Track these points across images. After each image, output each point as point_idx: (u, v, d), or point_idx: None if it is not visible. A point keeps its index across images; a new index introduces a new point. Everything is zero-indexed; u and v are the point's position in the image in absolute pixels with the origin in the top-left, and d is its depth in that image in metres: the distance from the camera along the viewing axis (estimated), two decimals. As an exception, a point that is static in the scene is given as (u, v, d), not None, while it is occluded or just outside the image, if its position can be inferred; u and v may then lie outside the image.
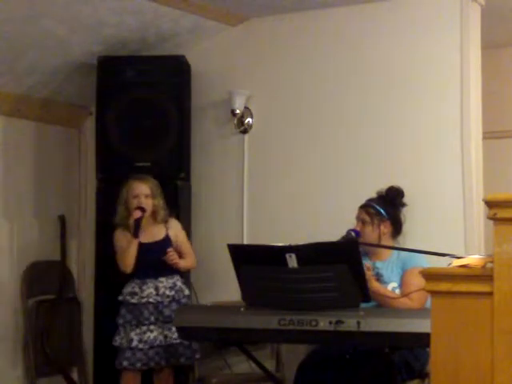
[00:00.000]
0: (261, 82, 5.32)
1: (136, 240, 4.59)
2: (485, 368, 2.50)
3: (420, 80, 4.85)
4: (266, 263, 3.77)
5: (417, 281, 3.64)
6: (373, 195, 4.48)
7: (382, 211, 4.37)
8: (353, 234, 4.25)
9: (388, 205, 4.42)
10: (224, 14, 5.23)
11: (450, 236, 4.67)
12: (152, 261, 4.61)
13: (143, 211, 4.61)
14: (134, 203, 4.62)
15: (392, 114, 4.93)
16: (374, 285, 4.11)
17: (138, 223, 4.59)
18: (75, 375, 5.57)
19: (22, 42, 4.92)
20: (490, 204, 2.51)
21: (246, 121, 5.31)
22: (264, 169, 5.28)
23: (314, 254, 3.68)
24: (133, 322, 4.58)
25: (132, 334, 4.56)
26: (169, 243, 4.67)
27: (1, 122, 5.29)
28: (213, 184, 5.41)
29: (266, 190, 5.26)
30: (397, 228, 4.43)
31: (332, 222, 4.71)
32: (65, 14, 4.77)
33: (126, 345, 4.56)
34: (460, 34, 4.74)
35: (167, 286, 4.62)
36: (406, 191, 4.50)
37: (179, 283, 4.67)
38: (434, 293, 2.60)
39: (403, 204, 4.50)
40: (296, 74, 5.21)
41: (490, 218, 2.51)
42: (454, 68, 4.75)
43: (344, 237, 4.23)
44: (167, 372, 4.67)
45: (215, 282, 5.23)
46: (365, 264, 3.91)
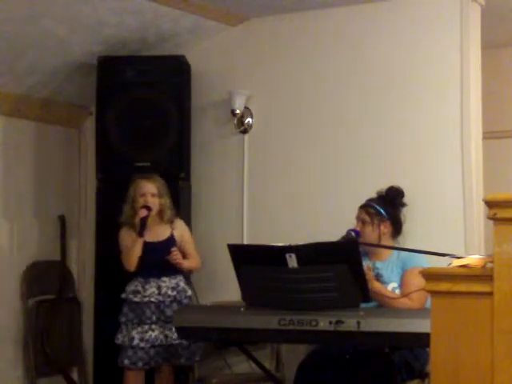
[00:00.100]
0: (261, 82, 5.32)
1: (141, 239, 4.59)
2: (485, 368, 2.50)
3: (420, 80, 4.85)
4: (266, 263, 3.77)
5: (417, 281, 3.63)
6: (373, 195, 4.48)
7: (382, 211, 4.37)
8: (353, 234, 4.25)
9: (388, 205, 4.42)
10: (224, 14, 5.23)
11: (450, 236, 4.67)
12: (156, 260, 4.61)
13: (149, 210, 4.61)
14: (141, 202, 4.62)
15: (392, 114, 4.93)
16: (374, 285, 4.11)
17: (144, 222, 4.59)
18: (75, 375, 5.57)
19: (22, 42, 4.92)
20: (490, 204, 2.51)
21: (246, 121, 5.31)
22: (264, 169, 5.28)
23: (314, 254, 3.68)
24: (135, 321, 4.58)
25: (133, 333, 4.56)
26: (173, 243, 4.67)
27: (1, 122, 5.29)
28: (213, 184, 5.41)
29: (266, 190, 5.26)
30: (397, 228, 4.43)
31: (332, 222, 4.71)
32: (65, 14, 4.78)
33: (128, 343, 4.56)
34: (460, 34, 4.74)
35: (170, 286, 4.62)
36: (406, 191, 4.50)
37: (182, 284, 4.67)
38: (434, 293, 2.60)
39: (403, 204, 4.50)
40: (296, 74, 5.21)
41: (490, 218, 2.51)
42: (454, 68, 4.75)
43: (344, 237, 4.23)
44: (168, 371, 4.68)
45: (215, 282, 5.23)
46: (365, 264, 3.91)
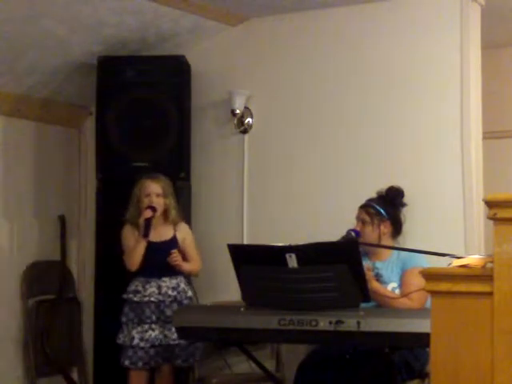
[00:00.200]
0: (261, 82, 5.32)
1: (145, 240, 4.58)
2: (485, 368, 2.50)
3: (420, 80, 4.85)
4: (266, 263, 3.77)
5: (417, 281, 3.63)
6: (373, 195, 4.48)
7: (382, 211, 4.37)
8: (353, 234, 4.25)
9: (388, 205, 4.42)
10: (224, 14, 5.23)
11: (450, 236, 4.66)
12: (157, 260, 4.60)
13: (154, 211, 4.60)
14: (146, 202, 4.61)
15: (392, 114, 4.93)
16: (374, 285, 4.12)
17: (149, 223, 4.58)
18: (75, 375, 5.57)
19: (22, 42, 4.91)
20: (490, 204, 2.51)
21: (246, 121, 5.31)
22: (264, 169, 5.28)
23: (314, 254, 3.68)
24: (135, 321, 4.58)
25: (134, 332, 4.56)
26: (175, 245, 4.66)
27: (1, 122, 5.28)
28: (213, 184, 5.41)
29: (266, 190, 5.26)
30: (397, 228, 4.43)
31: (332, 222, 4.71)
32: (65, 14, 4.77)
33: (129, 343, 4.56)
34: (460, 34, 4.74)
35: (170, 286, 4.61)
36: (406, 191, 4.50)
37: (183, 284, 4.66)
38: (434, 293, 2.60)
39: (403, 204, 4.50)
40: (296, 74, 5.21)
41: (490, 218, 2.51)
42: (454, 68, 4.75)
43: (344, 237, 4.23)
44: (168, 371, 4.67)
45: (215, 282, 5.23)
46: (365, 265, 3.91)
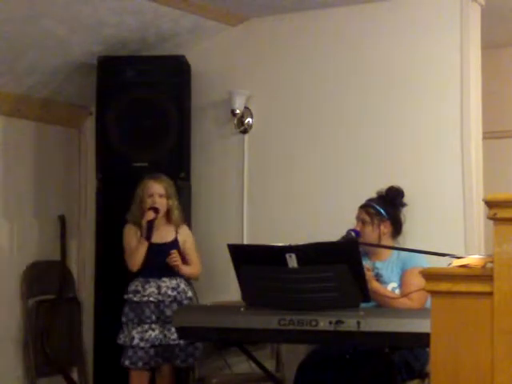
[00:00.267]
0: (261, 82, 5.32)
1: (147, 242, 4.57)
2: (485, 368, 2.50)
3: (420, 80, 4.85)
4: (266, 263, 3.77)
5: (417, 281, 3.63)
6: (373, 195, 4.48)
7: (382, 211, 4.37)
8: (353, 234, 4.25)
9: (388, 205, 4.42)
10: (224, 14, 5.23)
11: (450, 236, 4.66)
12: (158, 262, 4.60)
13: (156, 212, 4.59)
14: (149, 202, 4.61)
15: (392, 114, 4.93)
16: (374, 285, 4.11)
17: (151, 225, 4.57)
18: (75, 375, 5.57)
19: (22, 42, 4.91)
20: (490, 204, 2.51)
21: (246, 121, 5.31)
22: (264, 169, 5.28)
23: (314, 254, 3.67)
24: (135, 321, 4.58)
25: (134, 333, 4.56)
26: (176, 247, 4.66)
27: (1, 122, 5.28)
28: (213, 184, 5.41)
29: (266, 190, 5.26)
30: (397, 228, 4.43)
31: (332, 222, 4.71)
32: (65, 14, 4.77)
33: (129, 343, 4.56)
34: (460, 34, 4.74)
35: (169, 286, 4.61)
36: (406, 191, 4.50)
37: (182, 285, 4.66)
38: (434, 293, 2.60)
39: (403, 204, 4.50)
40: (296, 74, 5.21)
41: (490, 218, 2.51)
42: (454, 68, 4.75)
43: (344, 237, 4.23)
44: (168, 371, 4.67)
45: (215, 282, 5.22)
46: (365, 265, 3.91)
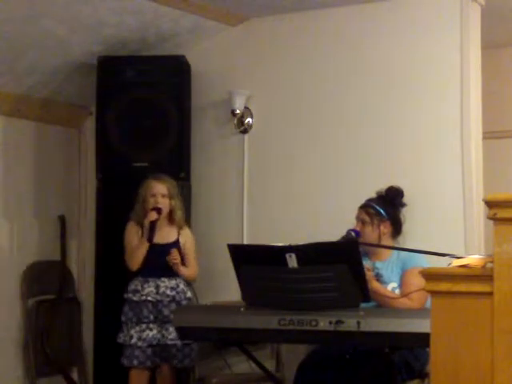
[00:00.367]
0: (261, 82, 5.32)
1: (148, 243, 4.57)
2: (485, 368, 2.50)
3: (420, 80, 4.85)
4: (266, 263, 3.77)
5: (417, 281, 3.63)
6: (373, 195, 4.48)
7: (382, 211, 4.37)
8: (353, 234, 4.25)
9: (388, 205, 4.42)
10: (224, 14, 5.23)
11: (450, 236, 4.66)
12: (158, 262, 4.59)
13: (159, 213, 4.59)
14: (151, 202, 4.60)
15: (392, 114, 4.93)
16: (374, 285, 4.11)
17: (154, 226, 4.57)
18: (75, 375, 5.57)
19: (22, 42, 4.91)
20: (490, 204, 2.51)
21: (246, 121, 5.31)
22: (264, 169, 5.28)
23: (314, 254, 3.67)
24: (133, 320, 4.58)
25: (132, 332, 4.56)
26: (177, 248, 4.65)
27: (1, 122, 5.28)
28: (213, 184, 5.41)
29: (266, 190, 5.26)
30: (397, 228, 4.43)
31: (332, 222, 4.71)
32: (65, 14, 4.77)
33: (128, 342, 4.56)
34: (460, 34, 4.74)
35: (168, 286, 4.61)
36: (406, 191, 4.50)
37: (182, 285, 4.65)
38: (434, 293, 2.60)
39: (403, 204, 4.50)
40: (296, 74, 5.21)
41: (490, 218, 2.51)
42: (454, 68, 4.75)
43: (344, 237, 4.23)
44: (168, 371, 4.67)
45: (215, 282, 5.22)
46: (365, 265, 3.91)
